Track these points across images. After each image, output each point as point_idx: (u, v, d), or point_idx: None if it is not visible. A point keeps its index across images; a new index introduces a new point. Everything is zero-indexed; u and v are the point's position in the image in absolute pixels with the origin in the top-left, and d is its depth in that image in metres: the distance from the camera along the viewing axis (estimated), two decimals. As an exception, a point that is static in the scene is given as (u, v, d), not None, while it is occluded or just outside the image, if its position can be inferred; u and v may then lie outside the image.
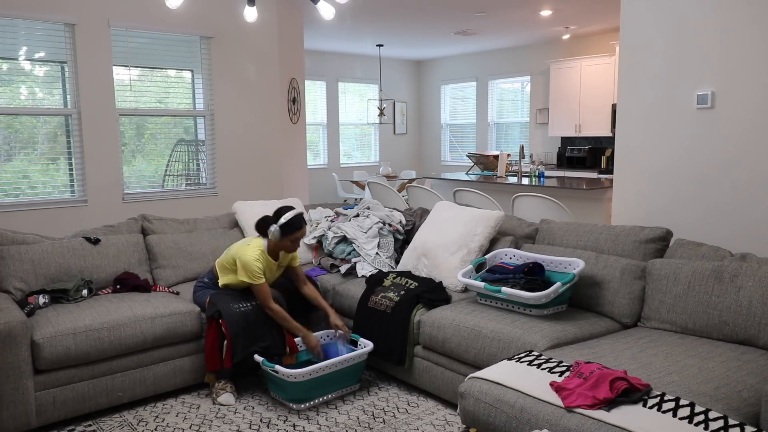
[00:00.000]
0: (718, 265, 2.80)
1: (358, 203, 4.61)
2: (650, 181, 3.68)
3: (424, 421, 3.04)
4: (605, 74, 8.63)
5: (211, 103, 5.99)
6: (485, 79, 10.95)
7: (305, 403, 3.14)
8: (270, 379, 3.21)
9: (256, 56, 6.24)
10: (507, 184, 6.52)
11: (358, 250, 4.08)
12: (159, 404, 3.26)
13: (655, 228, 3.22)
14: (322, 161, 11.00)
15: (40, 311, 3.15)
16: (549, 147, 9.94)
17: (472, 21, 8.01)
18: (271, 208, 4.37)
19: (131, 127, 5.70)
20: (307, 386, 3.10)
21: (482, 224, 3.66)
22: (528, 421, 2.14)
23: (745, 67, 3.24)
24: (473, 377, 2.40)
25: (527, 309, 3.05)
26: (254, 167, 6.33)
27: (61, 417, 2.97)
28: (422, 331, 3.24)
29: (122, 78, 5.54)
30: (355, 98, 11.39)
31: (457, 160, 11.56)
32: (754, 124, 3.24)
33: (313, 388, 3.13)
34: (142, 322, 3.15)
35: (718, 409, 2.03)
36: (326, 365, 3.12)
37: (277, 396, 3.23)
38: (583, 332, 2.89)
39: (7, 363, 2.76)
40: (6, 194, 5.07)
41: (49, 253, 3.47)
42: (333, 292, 3.85)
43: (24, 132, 5.16)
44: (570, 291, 3.10)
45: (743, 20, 3.23)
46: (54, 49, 5.14)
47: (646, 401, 2.05)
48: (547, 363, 2.39)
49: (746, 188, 3.29)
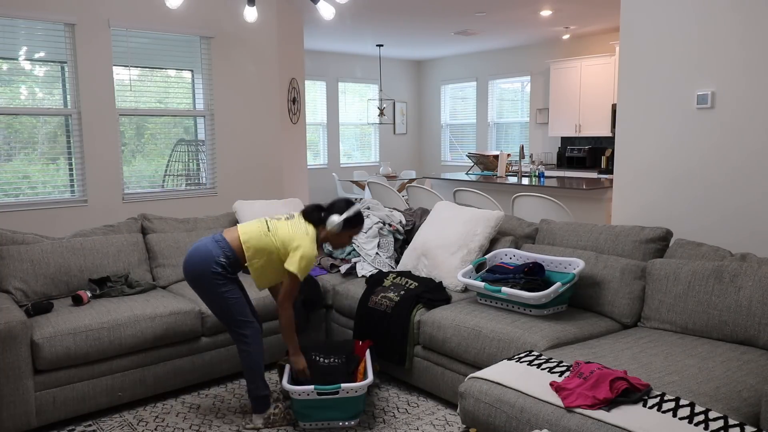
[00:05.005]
0: (718, 265, 2.80)
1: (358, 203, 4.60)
2: (650, 181, 3.68)
3: (424, 421, 3.04)
4: (605, 74, 8.63)
5: (211, 103, 5.99)
6: (485, 79, 10.95)
7: (305, 423, 2.93)
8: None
9: (256, 56, 6.24)
10: (507, 184, 6.52)
11: (358, 250, 4.08)
12: (159, 404, 3.26)
13: (655, 228, 3.22)
14: (322, 161, 11.00)
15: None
16: (549, 147, 9.94)
17: (472, 21, 8.01)
18: (271, 208, 4.38)
19: (131, 127, 5.70)
20: (306, 405, 2.87)
21: (482, 224, 3.66)
22: (528, 421, 2.14)
23: (745, 67, 3.24)
24: (473, 377, 2.40)
25: (527, 309, 3.05)
26: (254, 167, 6.33)
27: (61, 417, 2.97)
28: (422, 331, 3.24)
29: (122, 78, 5.54)
30: (355, 98, 11.39)
31: (457, 160, 11.56)
32: (754, 124, 3.24)
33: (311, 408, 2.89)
34: (142, 322, 3.15)
35: (718, 409, 2.03)
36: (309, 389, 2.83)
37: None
38: (583, 332, 2.89)
39: (7, 363, 2.76)
40: (6, 194, 5.06)
41: (49, 253, 3.47)
42: (333, 292, 3.85)
43: (24, 132, 5.16)
44: (570, 291, 3.10)
45: (743, 20, 3.23)
46: (54, 49, 5.14)
47: (646, 401, 2.05)
48: (547, 363, 2.39)
49: (746, 188, 3.29)
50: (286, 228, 2.92)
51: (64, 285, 3.47)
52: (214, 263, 2.84)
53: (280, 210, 4.42)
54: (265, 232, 2.91)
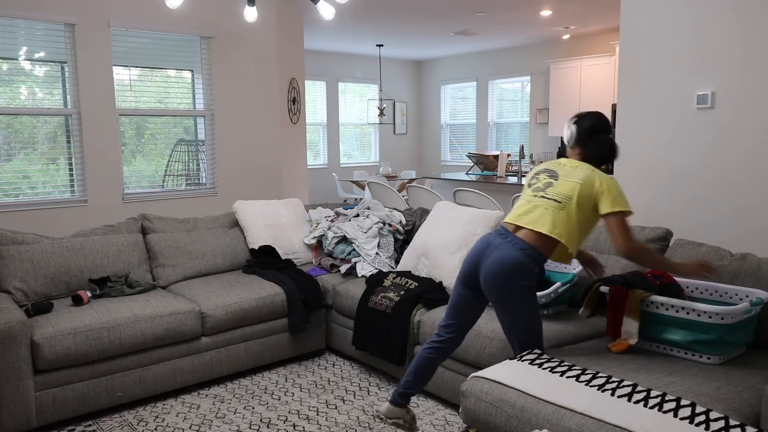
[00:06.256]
0: (718, 265, 2.80)
1: (358, 203, 4.61)
2: (650, 181, 3.68)
3: (424, 421, 3.03)
4: (605, 74, 8.63)
5: (211, 103, 5.99)
6: (485, 79, 10.94)
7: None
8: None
9: (256, 56, 6.23)
10: (507, 184, 6.52)
11: (358, 250, 4.08)
12: (159, 404, 3.26)
13: (655, 228, 3.22)
14: (322, 161, 10.99)
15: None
16: (549, 147, 9.93)
17: (472, 21, 8.00)
18: (271, 208, 4.38)
19: (131, 127, 5.70)
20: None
21: (482, 224, 3.66)
22: (528, 420, 2.13)
23: (745, 67, 3.24)
24: (475, 376, 2.40)
25: (527, 309, 3.04)
26: (254, 167, 6.33)
27: (61, 417, 2.97)
28: (422, 331, 3.23)
29: (122, 78, 5.53)
30: (355, 98, 11.39)
31: (457, 160, 11.56)
32: (753, 124, 3.23)
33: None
34: (142, 322, 3.14)
35: (719, 410, 2.03)
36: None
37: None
38: (583, 332, 2.89)
39: (7, 363, 2.76)
40: (6, 194, 5.06)
41: (49, 253, 3.47)
42: (333, 292, 3.85)
43: (24, 132, 5.16)
44: (570, 291, 3.10)
45: (743, 20, 3.23)
46: (54, 49, 5.14)
47: (647, 401, 2.05)
48: (549, 363, 2.39)
49: (746, 188, 3.29)
50: (577, 178, 2.44)
51: (64, 285, 3.47)
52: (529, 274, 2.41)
53: (281, 210, 4.42)
54: (557, 206, 2.42)
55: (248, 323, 3.55)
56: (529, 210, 2.47)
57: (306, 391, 3.38)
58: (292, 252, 4.28)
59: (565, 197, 2.41)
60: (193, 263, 3.93)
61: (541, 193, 2.48)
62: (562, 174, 2.50)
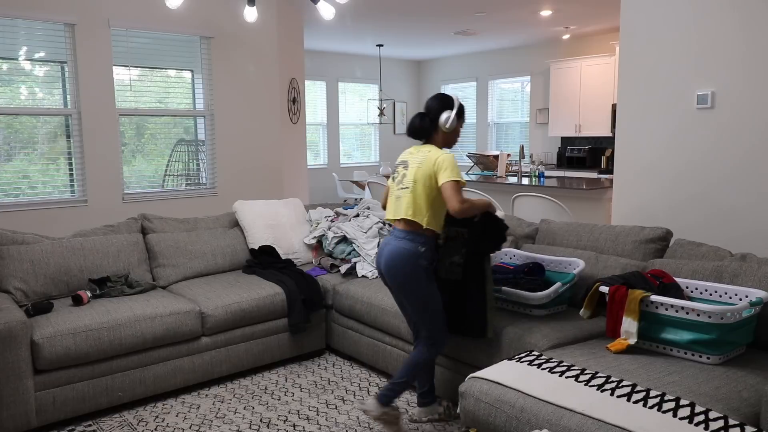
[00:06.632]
0: (718, 265, 2.80)
1: (358, 203, 4.61)
2: (650, 181, 3.68)
3: (424, 420, 3.03)
4: (605, 74, 8.63)
5: (211, 103, 5.99)
6: (485, 79, 10.95)
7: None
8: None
9: (256, 56, 6.24)
10: (507, 184, 6.52)
11: (358, 250, 4.08)
12: (159, 404, 3.26)
13: (655, 228, 3.22)
14: (322, 161, 11.00)
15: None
16: (549, 147, 9.94)
17: (472, 21, 8.01)
18: (271, 208, 4.38)
19: (131, 127, 5.70)
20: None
21: (482, 224, 3.66)
22: (528, 420, 2.13)
23: (745, 67, 3.24)
24: (473, 377, 2.40)
25: (527, 309, 3.05)
26: (254, 167, 6.33)
27: (61, 417, 2.97)
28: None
29: (122, 78, 5.54)
30: (355, 98, 11.39)
31: (457, 160, 11.56)
32: (754, 124, 3.24)
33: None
34: (142, 322, 3.14)
35: (719, 409, 2.03)
36: None
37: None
38: (583, 332, 2.89)
39: (7, 363, 2.76)
40: (6, 194, 5.06)
41: (49, 253, 3.47)
42: (333, 292, 3.85)
43: (24, 132, 5.16)
44: (570, 291, 3.10)
45: (743, 20, 3.23)
46: (54, 49, 5.14)
47: (647, 401, 2.05)
48: (548, 363, 2.39)
49: (747, 188, 3.29)
50: (417, 161, 2.85)
51: (64, 285, 3.47)
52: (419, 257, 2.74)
53: (281, 210, 4.42)
54: (406, 187, 2.81)
55: (248, 323, 3.55)
56: (394, 202, 2.87)
57: (306, 391, 3.38)
58: (292, 252, 4.28)
59: (412, 182, 2.81)
60: (193, 263, 3.93)
61: (400, 185, 2.86)
62: (411, 162, 2.87)
